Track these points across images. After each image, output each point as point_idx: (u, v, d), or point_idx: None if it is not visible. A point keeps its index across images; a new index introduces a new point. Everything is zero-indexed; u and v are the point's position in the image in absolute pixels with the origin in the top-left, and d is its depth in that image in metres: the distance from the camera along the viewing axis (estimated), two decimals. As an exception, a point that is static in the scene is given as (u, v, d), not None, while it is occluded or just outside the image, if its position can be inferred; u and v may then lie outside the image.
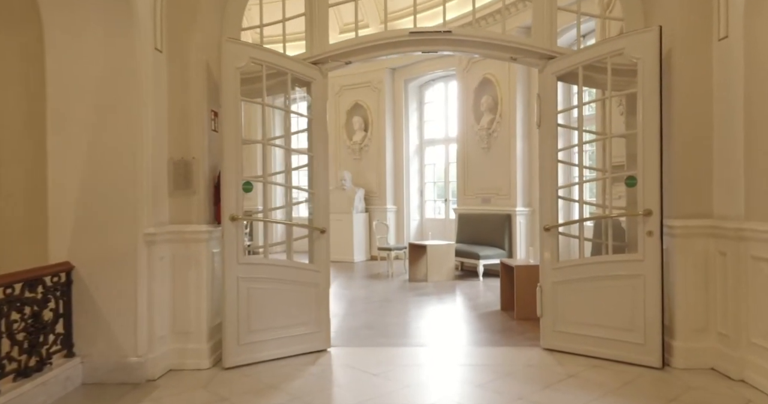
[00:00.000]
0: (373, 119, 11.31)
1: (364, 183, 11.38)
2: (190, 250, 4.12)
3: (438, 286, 7.90)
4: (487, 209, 9.10)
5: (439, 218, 11.00)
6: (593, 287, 4.27)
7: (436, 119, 11.09)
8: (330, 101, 12.08)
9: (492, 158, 9.10)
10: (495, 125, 8.98)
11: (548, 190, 4.55)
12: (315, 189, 4.58)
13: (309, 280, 4.50)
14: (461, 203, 9.71)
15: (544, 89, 4.57)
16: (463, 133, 9.65)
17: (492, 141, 9.09)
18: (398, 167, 11.20)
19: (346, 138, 11.66)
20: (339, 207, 10.97)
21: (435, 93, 11.16)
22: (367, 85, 11.38)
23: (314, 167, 4.57)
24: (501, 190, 8.93)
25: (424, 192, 11.32)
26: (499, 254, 8.49)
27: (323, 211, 4.60)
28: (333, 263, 10.97)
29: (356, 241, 10.81)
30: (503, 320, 5.73)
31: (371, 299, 7.04)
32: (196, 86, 4.19)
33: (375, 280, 8.62)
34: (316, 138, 4.59)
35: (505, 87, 8.80)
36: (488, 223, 8.92)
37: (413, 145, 11.24)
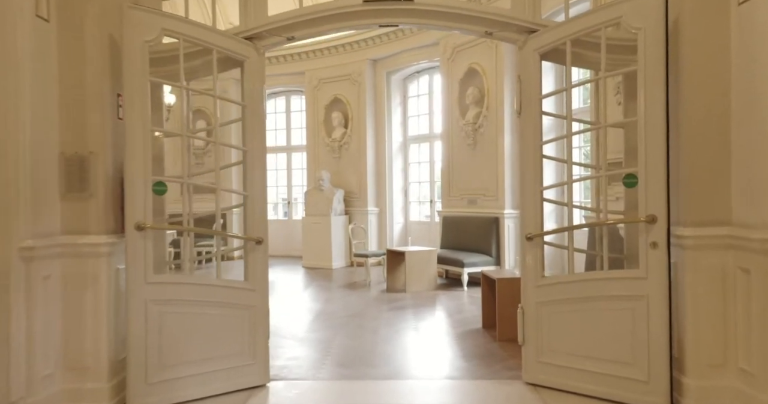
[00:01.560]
0: (354, 115, 10.54)
1: (343, 183, 10.60)
2: (86, 266, 3.34)
3: (417, 297, 7.12)
4: (473, 211, 8.32)
5: (425, 220, 10.22)
6: (585, 309, 3.49)
7: (421, 114, 10.31)
8: (308, 96, 11.34)
9: (478, 155, 8.32)
10: (481, 119, 8.20)
11: (531, 191, 3.78)
12: (249, 191, 3.81)
13: (241, 301, 3.72)
14: (446, 205, 8.94)
15: (525, 69, 3.80)
16: (448, 128, 8.87)
17: (478, 137, 8.31)
18: (380, 166, 10.42)
19: (324, 135, 10.88)
20: (316, 209, 10.21)
21: (420, 86, 10.38)
22: (346, 78, 10.60)
23: (248, 164, 3.79)
24: (488, 190, 8.15)
25: (409, 193, 10.54)
26: (485, 262, 7.71)
27: (260, 217, 3.82)
28: (309, 270, 10.36)
29: (335, 246, 10.02)
30: (484, 342, 4.95)
31: (339, 314, 6.25)
32: (96, 64, 3.41)
33: (350, 290, 7.84)
34: (250, 129, 3.80)
35: (492, 77, 8.03)
36: (474, 227, 8.14)
37: (396, 142, 10.46)
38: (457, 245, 8.32)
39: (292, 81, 11.42)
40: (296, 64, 11.13)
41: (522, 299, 3.81)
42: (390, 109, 10.40)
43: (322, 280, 8.84)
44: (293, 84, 11.50)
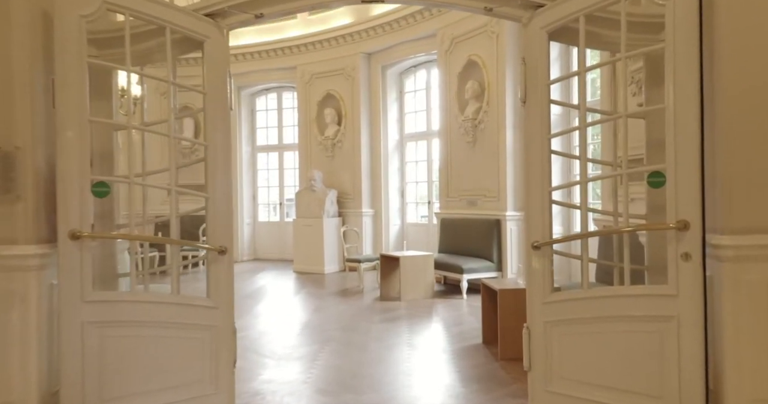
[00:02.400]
0: (348, 111, 10.01)
1: (337, 184, 10.08)
2: (12, 282, 2.82)
3: (412, 306, 6.59)
4: (472, 213, 7.79)
5: (423, 223, 9.70)
6: (603, 331, 2.97)
7: (419, 110, 9.78)
8: (300, 92, 10.83)
9: (478, 153, 7.79)
10: (482, 114, 7.67)
11: (537, 192, 3.25)
12: (211, 193, 3.28)
13: (202, 321, 3.20)
14: (444, 206, 8.41)
15: (531, 51, 3.26)
16: (446, 125, 8.34)
17: (478, 134, 7.78)
18: (376, 165, 9.89)
19: (317, 133, 10.36)
20: (308, 211, 9.69)
21: (417, 81, 9.86)
22: (339, 72, 10.08)
23: (210, 161, 3.27)
24: (489, 191, 7.62)
25: (406, 194, 10.01)
26: (486, 267, 7.18)
27: (223, 223, 3.29)
28: (300, 275, 9.83)
29: (327, 249, 9.50)
30: (484, 361, 4.41)
31: (326, 326, 5.73)
32: (24, 45, 2.89)
33: (341, 298, 7.32)
34: (212, 121, 3.28)
35: (493, 70, 7.49)
36: (474, 230, 7.61)
37: (393, 140, 9.93)
38: (456, 250, 7.79)
39: (284, 76, 10.90)
40: (287, 58, 10.62)
41: (528, 318, 3.28)
42: (386, 105, 9.88)
43: (312, 286, 8.32)
44: (285, 80, 10.98)
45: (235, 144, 11.30)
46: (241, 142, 11.50)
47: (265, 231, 11.72)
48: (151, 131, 3.42)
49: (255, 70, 10.99)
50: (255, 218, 11.78)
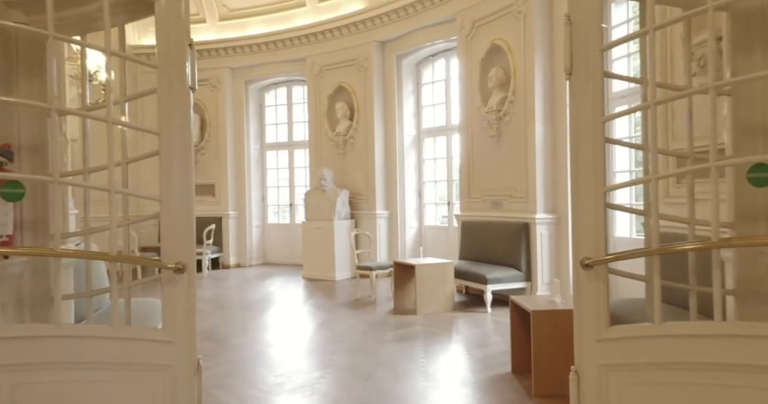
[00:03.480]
0: (360, 105, 9.28)
1: (349, 183, 9.36)
2: None
3: (430, 321, 5.83)
4: (497, 216, 6.99)
5: (442, 225, 8.91)
6: (686, 383, 2.17)
7: (437, 103, 9.00)
8: (309, 85, 10.13)
9: (503, 148, 6.98)
10: (507, 105, 6.86)
11: (588, 193, 2.45)
12: (165, 195, 2.57)
13: (153, 359, 2.48)
14: (465, 208, 7.62)
15: (579, 4, 2.47)
16: (468, 118, 7.55)
17: (503, 127, 6.97)
18: (391, 163, 9.14)
19: (327, 129, 9.65)
20: (318, 213, 8.99)
21: (435, 71, 9.07)
22: (351, 63, 9.35)
23: (164, 156, 2.56)
24: (515, 191, 6.81)
25: (423, 194, 9.24)
26: (513, 277, 6.38)
27: (181, 233, 2.57)
28: (310, 282, 9.12)
29: (338, 254, 8.78)
30: (516, 398, 3.63)
31: (330, 347, 5.00)
32: None
33: (350, 310, 6.58)
34: (166, 105, 2.57)
35: (520, 55, 6.68)
36: (499, 234, 6.81)
37: (409, 136, 9.16)
38: (479, 256, 7.00)
39: (293, 69, 10.23)
40: (296, 49, 9.94)
41: (576, 358, 2.49)
42: (401, 98, 9.12)
43: (321, 295, 7.61)
44: (294, 72, 10.31)
45: (242, 142, 10.70)
46: (249, 139, 10.87)
47: (274, 234, 11.07)
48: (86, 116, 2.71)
49: (262, 63, 10.35)
50: (264, 220, 11.13)
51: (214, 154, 10.62)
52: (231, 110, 10.66)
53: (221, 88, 10.56)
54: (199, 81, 10.83)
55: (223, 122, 10.57)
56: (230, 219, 10.54)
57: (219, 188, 10.62)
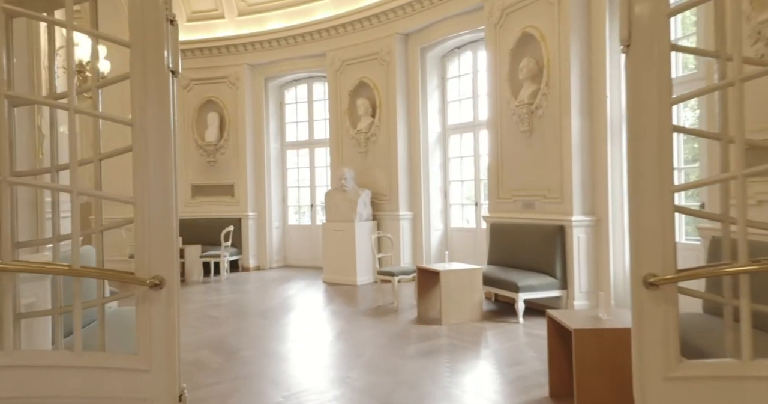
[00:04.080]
0: (382, 101, 8.85)
1: (371, 183, 8.94)
2: None
3: (456, 333, 5.36)
4: (529, 217, 6.47)
5: (469, 227, 8.42)
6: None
7: (464, 98, 8.51)
8: (330, 80, 9.73)
9: (536, 145, 6.46)
10: (540, 98, 6.33)
11: (653, 193, 1.97)
12: (140, 196, 2.18)
13: (124, 392, 2.10)
14: (494, 209, 7.11)
15: (643, -42, 1.98)
16: (497, 113, 7.04)
17: (535, 121, 6.45)
18: (414, 161, 8.69)
19: (348, 126, 9.24)
20: (338, 214, 8.60)
21: (461, 64, 8.58)
22: (373, 57, 8.93)
23: (139, 149, 2.17)
24: (549, 191, 6.28)
25: (449, 194, 8.76)
26: (547, 285, 5.86)
27: (160, 241, 2.18)
28: (330, 287, 8.70)
29: (360, 258, 8.37)
30: (553, 430, 3.14)
31: (345, 362, 4.58)
32: None
33: (371, 318, 6.15)
34: (140, 90, 2.18)
35: (554, 43, 6.15)
36: (532, 238, 6.29)
37: (434, 133, 8.70)
38: (510, 261, 6.49)
39: (314, 64, 9.86)
40: (316, 44, 9.57)
41: (637, 398, 2.01)
42: (425, 93, 8.65)
43: (340, 302, 7.21)
44: (315, 68, 9.94)
45: (262, 141, 10.39)
46: (269, 138, 10.55)
47: (295, 236, 10.73)
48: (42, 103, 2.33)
49: (282, 59, 10.01)
50: (284, 221, 10.80)
51: (234, 153, 10.33)
52: (250, 107, 10.36)
53: (240, 85, 10.26)
54: (218, 78, 10.62)
55: (243, 121, 10.28)
56: (250, 220, 10.24)
57: (238, 189, 10.33)
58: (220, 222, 9.84)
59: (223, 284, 8.80)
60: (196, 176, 10.49)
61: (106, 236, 2.37)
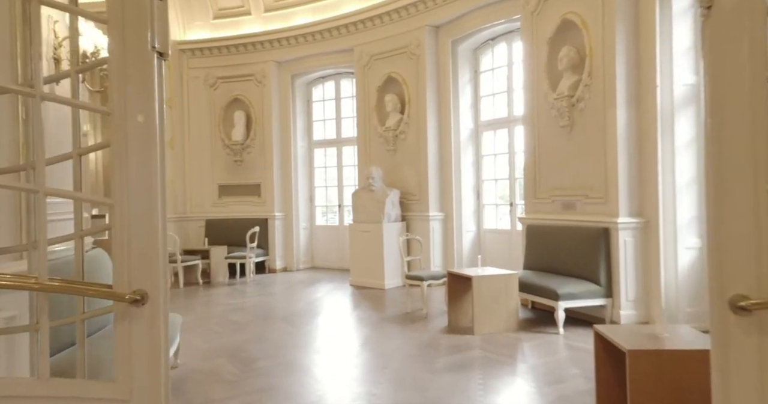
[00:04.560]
0: (411, 97, 8.48)
1: (399, 182, 8.58)
2: None
3: (489, 344, 4.95)
4: (570, 219, 6.00)
5: (503, 229, 7.97)
6: None
7: (498, 92, 8.06)
8: (358, 76, 9.39)
9: (577, 140, 5.98)
10: (581, 89, 5.86)
11: (745, 193, 1.55)
12: (119, 197, 1.87)
13: (98, 426, 1.80)
14: (530, 210, 6.65)
15: None
16: (534, 107, 6.58)
17: (576, 115, 5.97)
18: (445, 159, 8.29)
19: (377, 123, 8.90)
20: (366, 215, 8.27)
21: (495, 57, 8.13)
22: (402, 51, 8.56)
23: (118, 142, 1.86)
24: (592, 190, 5.80)
25: (482, 194, 8.32)
26: (590, 292, 5.39)
27: (143, 249, 1.87)
28: (357, 290, 8.35)
29: (388, 260, 8.02)
30: (603, 466, 2.72)
31: (370, 376, 4.23)
32: None
33: (397, 326, 5.79)
34: (119, 72, 1.87)
35: (597, 30, 5.66)
36: (572, 241, 5.82)
37: (466, 129, 8.27)
38: (548, 266, 6.03)
39: (341, 60, 9.56)
40: (343, 39, 9.26)
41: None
42: (457, 87, 8.24)
43: (367, 306, 6.87)
44: (343, 64, 9.64)
45: (289, 139, 10.15)
46: (296, 137, 10.31)
47: (322, 237, 10.47)
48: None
49: (309, 55, 9.75)
50: (312, 221, 10.55)
51: (260, 152, 10.13)
52: (277, 105, 10.14)
53: (267, 83, 10.05)
54: (244, 76, 10.45)
55: (269, 119, 10.07)
56: (276, 221, 10.02)
57: (265, 188, 10.12)
58: (247, 223, 9.65)
59: (249, 287, 8.59)
60: (223, 176, 10.34)
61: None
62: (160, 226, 1.90)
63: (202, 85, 10.31)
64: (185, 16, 10.15)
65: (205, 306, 7.10)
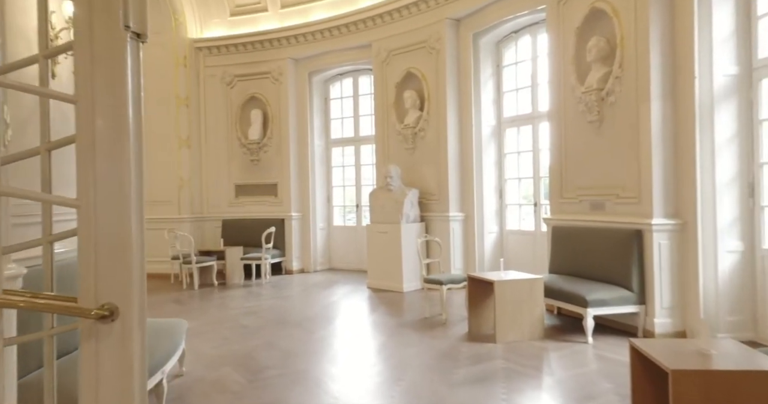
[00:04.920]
0: (431, 93, 8.18)
1: (418, 181, 8.29)
2: None
3: (513, 354, 4.63)
4: (599, 220, 5.63)
5: (527, 230, 7.62)
6: None
7: (522, 87, 7.71)
8: (376, 72, 9.13)
9: (607, 136, 5.62)
10: (611, 82, 5.49)
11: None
12: (85, 197, 1.63)
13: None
14: (556, 210, 6.30)
15: None
16: (560, 102, 6.23)
17: (606, 109, 5.61)
18: (466, 158, 7.97)
19: (395, 121, 8.63)
20: (383, 215, 8.02)
21: (519, 51, 7.79)
22: (421, 46, 8.27)
23: (83, 137, 1.62)
24: (624, 189, 5.43)
25: (505, 193, 7.98)
26: (621, 299, 5.03)
27: (113, 257, 1.62)
28: (375, 293, 7.99)
29: (406, 262, 7.74)
30: None
31: (384, 390, 3.96)
32: None
33: (415, 332, 5.51)
34: (87, 57, 1.62)
35: (629, 18, 5.29)
36: (602, 243, 5.46)
37: (488, 126, 7.94)
38: (575, 270, 5.69)
39: (359, 56, 9.31)
40: (361, 34, 9.01)
41: None
42: (479, 83, 7.91)
43: (384, 310, 6.60)
44: (360, 60, 9.38)
45: (306, 138, 9.95)
46: (313, 135, 10.09)
47: (340, 238, 10.23)
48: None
49: (326, 52, 9.52)
50: (329, 222, 10.32)
51: (277, 151, 9.94)
52: (294, 104, 9.94)
53: (283, 80, 9.85)
54: (261, 74, 10.28)
55: (286, 117, 9.87)
56: (293, 221, 9.82)
57: (281, 188, 9.93)
58: (263, 223, 9.47)
59: (264, 288, 8.40)
60: (240, 176, 10.18)
61: (147, 238, 1.85)
62: (134, 230, 1.65)
63: (218, 84, 10.17)
64: (202, 14, 10.02)
65: (218, 309, 6.92)
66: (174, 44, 9.84)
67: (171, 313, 6.70)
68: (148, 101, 10.16)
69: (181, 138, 9.89)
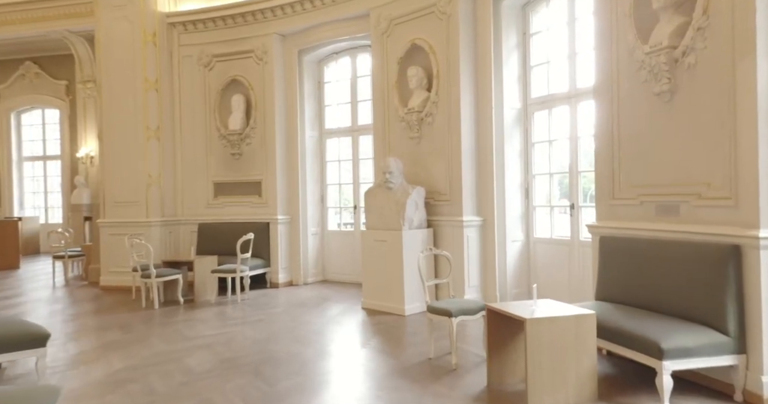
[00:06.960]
0: (441, 70, 6.64)
1: (424, 178, 6.76)
2: None
3: (555, 432, 3.08)
4: (671, 230, 4.05)
5: (562, 238, 6.05)
6: None
7: (555, 59, 6.14)
8: (375, 46, 7.18)
9: (680, 114, 4.03)
10: (689, 39, 3.90)
11: None
12: None
13: None
14: (605, 216, 4.72)
15: None
16: (610, 72, 4.65)
17: (680, 77, 4.02)
18: (484, 148, 6.42)
19: (398, 104, 7.10)
20: (382, 220, 6.54)
21: (550, 14, 6.22)
22: (429, 11, 6.75)
23: None
24: (709, 186, 3.84)
25: (532, 193, 6.42)
26: (711, 346, 3.46)
27: None
28: (371, 315, 5.83)
29: (409, 278, 6.20)
30: None
31: None
32: None
33: (413, 384, 3.98)
34: None
35: None
36: (677, 262, 3.88)
37: (511, 109, 6.37)
38: (637, 299, 4.11)
39: (357, 29, 7.82)
40: (358, 3, 7.52)
41: None
42: (500, 56, 6.36)
43: (377, 345, 5.10)
44: (358, 33, 7.88)
45: (296, 128, 8.49)
46: (304, 125, 8.63)
47: (336, 245, 8.75)
48: None
49: (318, 24, 8.06)
50: (323, 226, 8.85)
51: (261, 143, 8.50)
52: (282, 88, 8.48)
53: (269, 60, 8.40)
54: (243, 53, 8.84)
55: (272, 104, 8.41)
56: (280, 225, 8.36)
57: (267, 186, 8.48)
58: (245, 227, 8.01)
59: (237, 308, 6.93)
60: (219, 172, 8.76)
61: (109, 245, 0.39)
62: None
63: (194, 65, 8.76)
64: (174, -17, 8.60)
65: (167, 340, 5.45)
66: (142, 18, 8.44)
67: (106, 343, 5.28)
68: (111, 84, 8.81)
69: (149, 129, 8.49)
